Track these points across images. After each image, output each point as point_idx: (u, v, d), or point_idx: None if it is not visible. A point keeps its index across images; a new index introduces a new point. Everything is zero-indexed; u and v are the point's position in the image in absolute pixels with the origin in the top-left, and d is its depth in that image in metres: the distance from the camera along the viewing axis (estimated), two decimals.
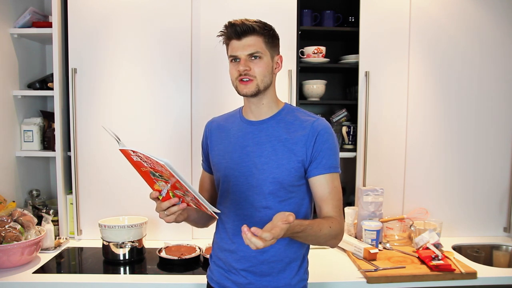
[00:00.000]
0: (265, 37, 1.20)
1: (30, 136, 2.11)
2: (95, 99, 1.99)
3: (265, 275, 1.25)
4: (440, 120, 2.11)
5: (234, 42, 1.20)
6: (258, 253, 1.22)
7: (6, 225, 1.68)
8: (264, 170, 1.21)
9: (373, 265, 1.72)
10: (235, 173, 1.25)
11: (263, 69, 1.20)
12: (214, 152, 1.34)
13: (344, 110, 2.31)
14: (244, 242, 0.96)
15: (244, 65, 1.19)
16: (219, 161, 1.30)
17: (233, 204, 1.26)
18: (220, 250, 1.32)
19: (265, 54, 1.20)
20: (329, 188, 1.20)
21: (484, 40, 2.09)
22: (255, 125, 1.28)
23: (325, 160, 1.20)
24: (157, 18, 1.98)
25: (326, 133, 1.22)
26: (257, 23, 1.20)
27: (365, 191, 2.03)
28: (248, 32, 1.18)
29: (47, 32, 2.00)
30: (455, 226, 2.14)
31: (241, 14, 1.98)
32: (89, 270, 1.73)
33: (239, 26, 1.18)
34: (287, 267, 1.25)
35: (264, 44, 1.20)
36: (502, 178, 2.15)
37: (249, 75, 1.19)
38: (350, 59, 2.19)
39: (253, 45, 1.18)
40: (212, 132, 1.38)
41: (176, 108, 2.01)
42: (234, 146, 1.28)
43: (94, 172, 2.01)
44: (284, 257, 1.25)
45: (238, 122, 1.32)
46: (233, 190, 1.26)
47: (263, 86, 1.21)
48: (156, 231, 2.05)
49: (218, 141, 1.33)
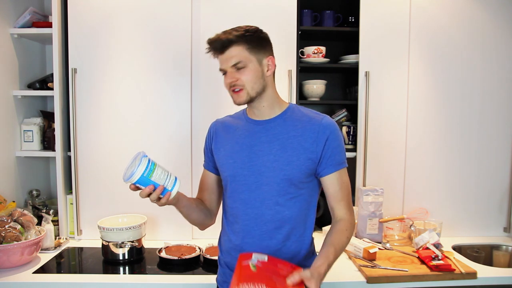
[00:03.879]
0: (247, 44, 1.20)
1: (30, 136, 2.11)
2: (95, 99, 1.99)
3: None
4: (440, 120, 2.11)
5: (220, 57, 1.23)
6: (270, 251, 1.22)
7: (6, 225, 1.68)
8: (274, 168, 1.22)
9: (374, 264, 1.72)
10: (244, 172, 1.25)
11: (251, 77, 1.21)
12: (220, 152, 1.33)
13: (344, 110, 2.31)
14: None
15: (231, 77, 1.21)
16: (227, 161, 1.30)
17: (243, 203, 1.26)
18: (228, 252, 1.31)
19: (250, 60, 1.21)
20: (339, 185, 1.24)
21: (484, 40, 2.09)
22: (261, 124, 1.28)
23: (335, 157, 1.23)
24: (157, 19, 1.98)
25: (336, 130, 1.25)
26: (236, 32, 1.19)
27: (365, 191, 2.03)
28: (227, 44, 1.19)
29: (47, 32, 2.01)
30: (455, 226, 2.14)
31: (241, 14, 2.00)
32: (89, 270, 1.73)
33: (216, 41, 1.20)
34: (299, 263, 1.25)
35: (247, 52, 1.20)
36: (502, 178, 2.15)
37: (237, 85, 1.21)
38: (350, 59, 2.19)
39: (234, 56, 1.19)
40: (217, 133, 1.37)
41: (176, 108, 2.01)
42: (242, 146, 1.28)
43: (94, 172, 2.01)
44: (296, 254, 1.25)
45: (244, 123, 1.32)
46: (242, 190, 1.26)
47: (254, 92, 1.22)
48: (156, 231, 2.05)
49: (224, 142, 1.33)
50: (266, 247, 1.23)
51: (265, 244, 1.24)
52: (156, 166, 1.14)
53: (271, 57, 1.26)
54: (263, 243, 1.24)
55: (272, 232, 1.24)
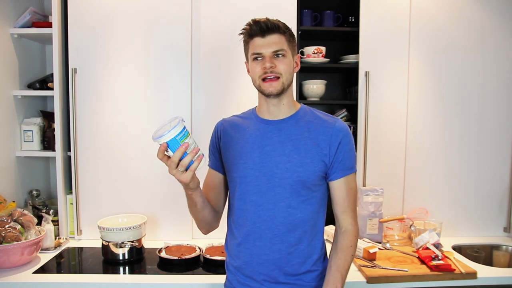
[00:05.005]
0: (287, 36, 1.20)
1: (30, 136, 2.11)
2: (95, 99, 1.99)
3: (290, 275, 1.23)
4: (440, 120, 2.11)
5: (257, 40, 1.19)
6: (282, 255, 1.21)
7: (6, 225, 1.68)
8: (287, 169, 1.20)
9: (374, 264, 1.72)
10: (255, 173, 1.22)
11: (288, 67, 1.20)
12: (228, 152, 1.29)
13: (344, 110, 2.31)
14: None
15: (270, 61, 1.17)
16: (236, 162, 1.25)
17: (254, 205, 1.23)
18: (238, 257, 1.27)
19: (288, 52, 1.20)
20: (346, 191, 1.23)
21: (484, 40, 2.09)
22: (273, 124, 1.25)
23: (346, 162, 1.22)
24: (157, 19, 1.98)
25: (348, 134, 1.24)
26: (280, 22, 1.20)
27: (365, 191, 2.03)
28: (273, 30, 1.17)
29: (47, 32, 2.00)
30: (455, 226, 2.14)
31: (241, 14, 2.00)
32: (89, 270, 1.73)
33: (265, 23, 1.17)
34: (311, 267, 1.24)
35: (287, 43, 1.20)
36: (502, 178, 2.15)
37: (274, 72, 1.18)
38: (350, 59, 2.19)
39: (278, 43, 1.18)
40: (225, 132, 1.32)
41: (176, 108, 2.01)
42: (252, 146, 1.24)
43: (94, 172, 2.01)
44: (308, 258, 1.24)
45: (254, 122, 1.29)
46: (253, 191, 1.22)
47: (287, 84, 1.21)
48: (156, 231, 2.05)
49: (233, 142, 1.28)
50: (277, 251, 1.21)
51: (277, 248, 1.21)
52: (190, 135, 1.07)
53: (299, 56, 1.28)
54: (274, 247, 1.21)
55: (284, 235, 1.21)
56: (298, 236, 1.22)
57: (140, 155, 2.00)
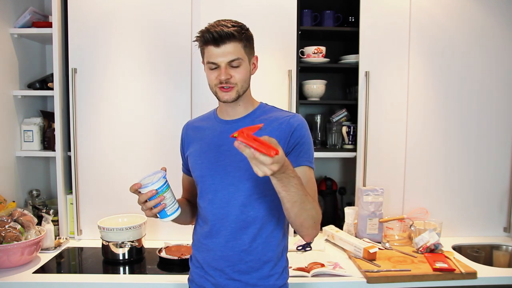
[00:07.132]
0: (243, 42, 1.18)
1: (30, 136, 2.11)
2: (95, 99, 1.99)
3: (244, 273, 1.23)
4: (440, 120, 2.11)
5: (211, 48, 1.16)
6: (236, 252, 1.22)
7: (6, 225, 1.68)
8: (240, 168, 1.20)
9: (374, 264, 1.72)
10: (211, 172, 1.24)
11: (243, 76, 1.20)
12: (190, 153, 1.33)
13: (344, 110, 2.31)
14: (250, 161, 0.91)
15: (225, 73, 1.16)
16: (195, 162, 1.29)
17: (210, 203, 1.25)
18: (198, 251, 1.31)
19: (244, 59, 1.19)
20: (306, 179, 1.17)
21: (485, 40, 2.09)
22: (230, 124, 1.27)
23: (301, 153, 1.19)
24: (157, 18, 1.98)
25: (303, 128, 1.22)
26: (235, 28, 1.15)
27: (365, 191, 2.03)
28: (227, 39, 1.14)
29: (47, 32, 2.00)
30: (455, 226, 2.14)
31: (241, 14, 1.99)
32: (89, 270, 1.73)
33: (218, 32, 1.13)
34: (265, 265, 1.24)
35: (243, 50, 1.18)
36: (502, 178, 2.15)
37: (230, 83, 1.18)
38: (350, 59, 2.19)
39: (233, 52, 1.16)
40: (187, 135, 1.38)
41: (176, 108, 2.01)
42: (210, 146, 1.27)
43: (94, 172, 2.01)
44: (262, 256, 1.23)
45: (212, 122, 1.32)
46: (209, 190, 1.25)
47: (242, 91, 1.21)
48: (156, 231, 2.05)
49: (194, 142, 1.33)
50: (231, 248, 1.22)
51: (231, 245, 1.22)
52: (169, 189, 1.17)
53: (256, 57, 1.26)
54: (228, 244, 1.23)
55: (238, 233, 1.22)
56: (252, 234, 1.22)
57: (140, 155, 2.00)
